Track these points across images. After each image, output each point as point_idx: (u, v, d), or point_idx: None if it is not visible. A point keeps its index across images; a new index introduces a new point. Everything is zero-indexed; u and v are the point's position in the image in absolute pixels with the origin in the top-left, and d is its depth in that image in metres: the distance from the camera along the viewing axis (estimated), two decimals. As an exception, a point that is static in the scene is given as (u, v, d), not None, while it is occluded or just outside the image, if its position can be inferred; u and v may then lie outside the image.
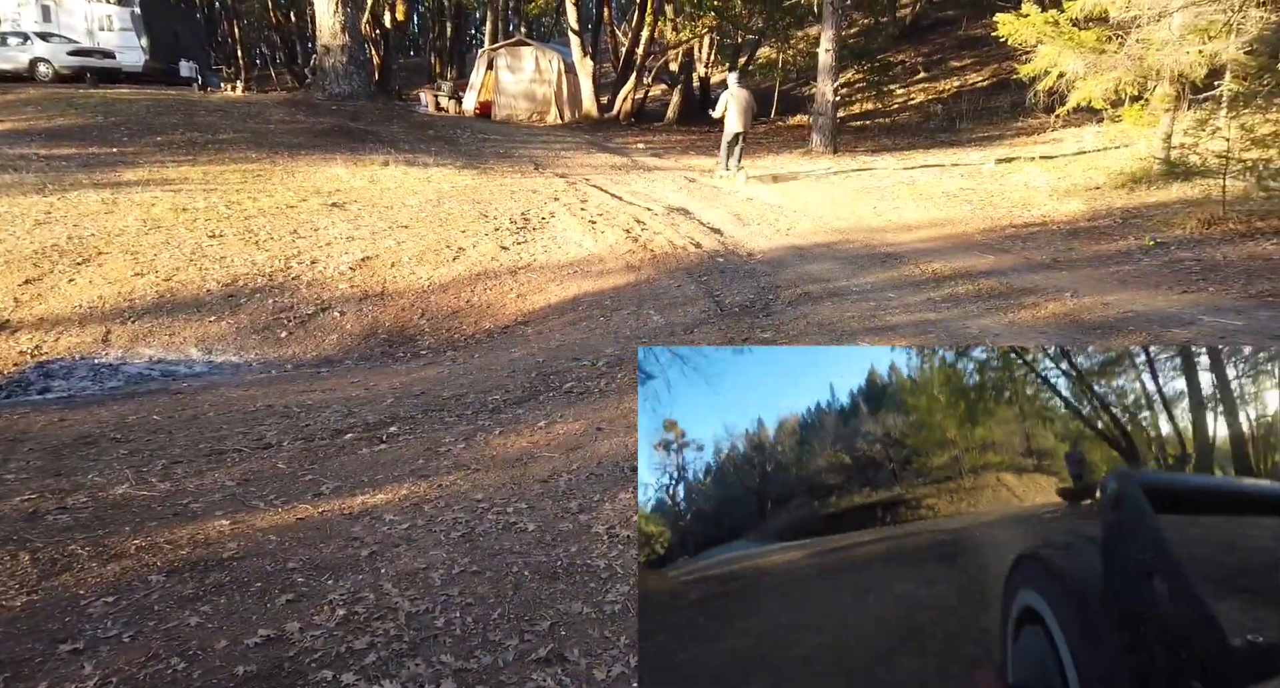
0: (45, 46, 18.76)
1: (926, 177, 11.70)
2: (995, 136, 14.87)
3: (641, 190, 11.38)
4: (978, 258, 7.83)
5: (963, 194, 10.53)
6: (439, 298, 7.75)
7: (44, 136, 11.88)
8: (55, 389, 5.72)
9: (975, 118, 16.69)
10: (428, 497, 3.64)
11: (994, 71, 19.36)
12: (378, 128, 14.52)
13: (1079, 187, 10.09)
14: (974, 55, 21.37)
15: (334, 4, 15.20)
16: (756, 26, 19.94)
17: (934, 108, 18.76)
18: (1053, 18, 8.94)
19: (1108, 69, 8.75)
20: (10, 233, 8.02)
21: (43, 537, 3.13)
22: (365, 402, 5.27)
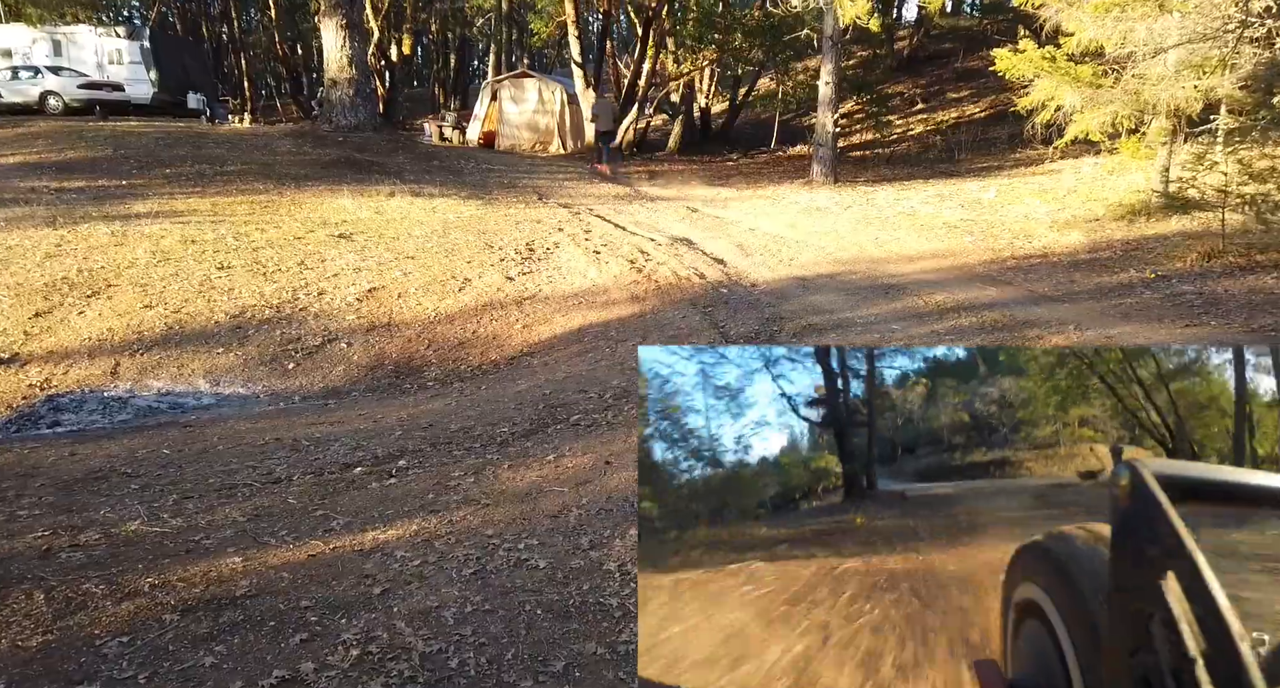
0: (56, 80, 19.08)
1: (927, 207, 11.83)
2: (994, 167, 15.04)
3: (644, 220, 11.50)
4: (980, 290, 7.89)
5: (963, 225, 10.64)
6: (445, 328, 7.81)
7: (54, 170, 12.04)
8: (65, 423, 5.75)
9: (974, 149, 16.90)
10: (439, 533, 3.65)
11: (991, 103, 19.64)
12: (383, 159, 14.70)
13: (1079, 218, 10.20)
14: (971, 87, 21.70)
15: (341, 38, 15.47)
16: (756, 59, 20.27)
17: (933, 138, 19.00)
18: (1049, 53, 9.11)
19: (1105, 103, 8.90)
20: (21, 266, 8.11)
21: (57, 575, 3.14)
22: (373, 434, 5.29)
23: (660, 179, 16.49)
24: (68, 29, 20.96)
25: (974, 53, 22.84)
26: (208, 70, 25.88)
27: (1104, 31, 8.71)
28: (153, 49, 21.12)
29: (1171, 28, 8.17)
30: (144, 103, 20.12)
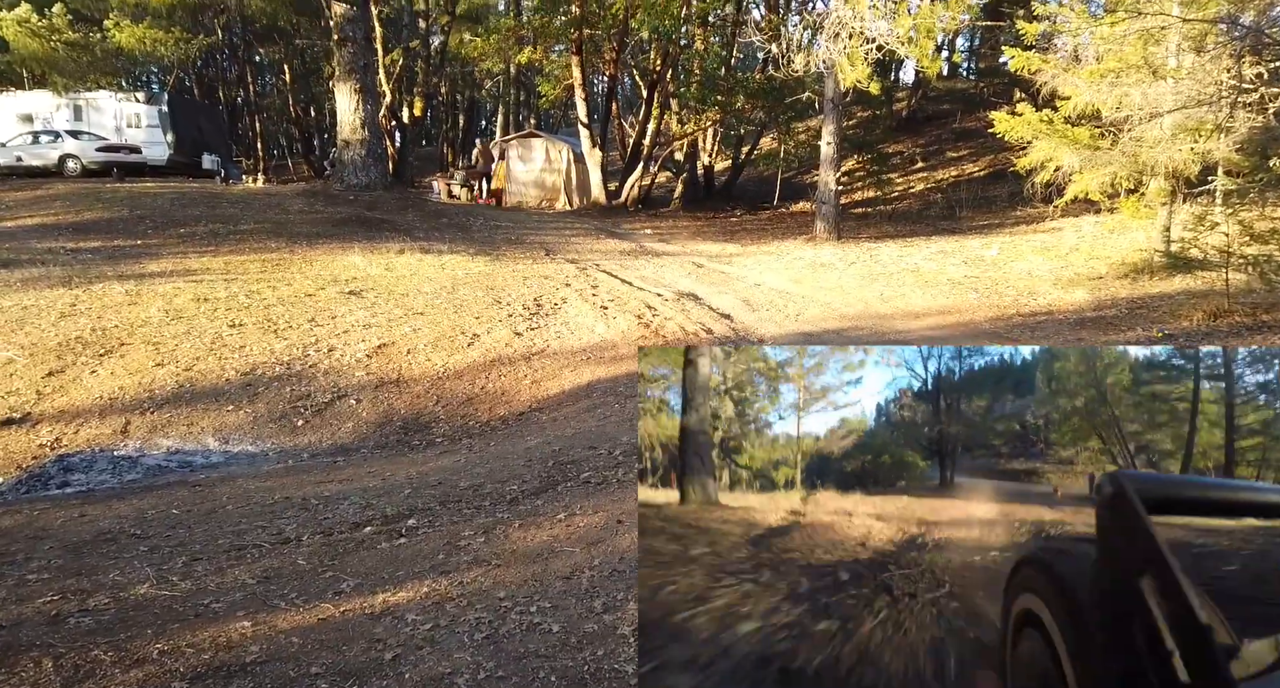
0: (75, 143, 19.62)
1: (930, 263, 11.97)
2: (995, 224, 15.27)
3: (651, 275, 11.64)
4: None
5: (967, 282, 10.75)
6: (454, 384, 7.84)
7: (71, 230, 12.29)
8: (75, 483, 5.74)
9: (974, 206, 17.19)
10: (449, 595, 3.60)
11: (990, 162, 20.06)
12: (393, 216, 14.99)
13: (1082, 276, 10.30)
14: (970, 146, 22.20)
15: (355, 102, 15.96)
16: (759, 119, 20.81)
17: (933, 196, 19.34)
18: (1047, 116, 9.36)
19: (1103, 164, 9.10)
20: (36, 325, 8.21)
21: (65, 642, 3.10)
22: (383, 492, 5.27)
23: (665, 235, 16.75)
24: (89, 95, 21.66)
25: (971, 114, 23.47)
26: (223, 132, 26.61)
27: (1100, 96, 8.97)
28: (170, 113, 21.77)
29: (1166, 93, 8.42)
30: (160, 164, 20.64)
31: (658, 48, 21.00)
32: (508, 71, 28.51)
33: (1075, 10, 9.34)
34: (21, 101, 21.71)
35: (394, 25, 23.63)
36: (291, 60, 31.17)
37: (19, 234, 12.05)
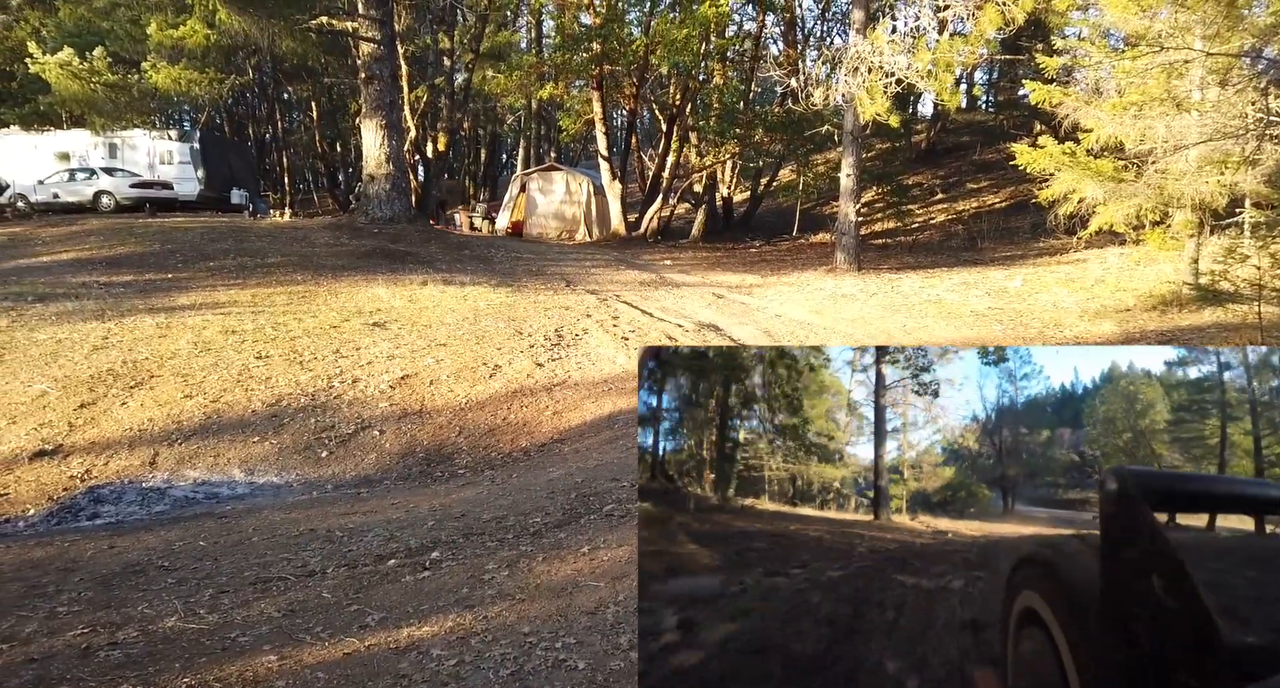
0: (109, 180, 20.18)
1: (953, 295, 11.92)
2: (1018, 256, 15.20)
3: (671, 306, 11.68)
4: (1011, 373, 7.85)
5: (991, 313, 10.68)
6: (476, 415, 7.87)
7: (104, 265, 12.59)
8: (104, 514, 5.80)
9: (996, 237, 17.15)
10: (474, 630, 3.58)
11: (1011, 194, 20.05)
12: (417, 249, 15.20)
13: (1109, 308, 10.20)
14: (990, 178, 22.22)
15: (381, 137, 16.32)
16: (777, 152, 21.00)
17: (954, 227, 19.32)
18: (1069, 149, 9.36)
19: (1128, 196, 9.07)
20: (69, 358, 8.38)
21: (95, 676, 3.11)
22: (406, 525, 5.27)
23: (685, 266, 16.84)
24: (125, 133, 22.34)
25: (991, 146, 23.54)
26: (252, 168, 27.27)
27: (1123, 129, 8.97)
28: (201, 149, 22.37)
29: (1191, 126, 8.40)
30: (190, 199, 21.15)
31: (677, 82, 21.34)
32: (529, 107, 29.05)
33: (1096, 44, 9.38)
34: (59, 140, 22.42)
35: (419, 63, 24.24)
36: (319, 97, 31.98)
37: (54, 268, 12.36)
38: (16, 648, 3.45)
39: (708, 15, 16.56)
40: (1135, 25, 9.49)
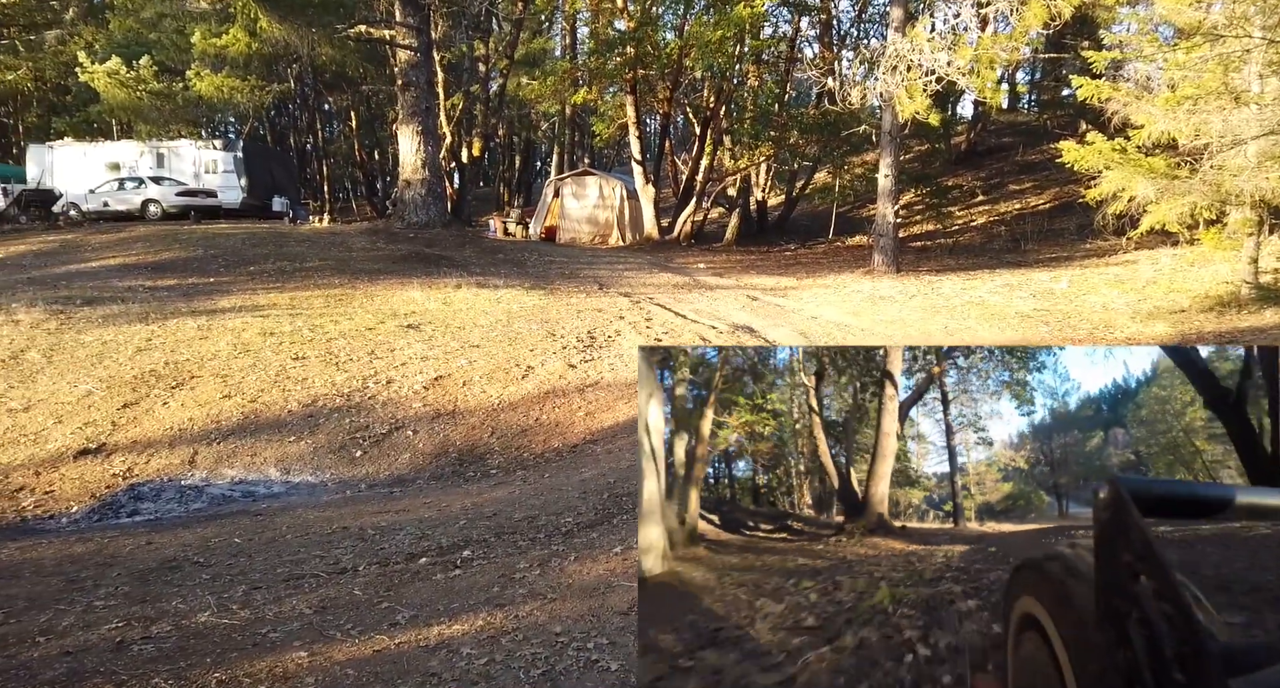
0: (157, 189, 20.71)
1: (996, 297, 11.60)
2: (1064, 258, 14.78)
3: (705, 308, 11.56)
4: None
5: (1037, 315, 10.36)
6: (508, 416, 7.84)
7: (150, 270, 12.88)
8: (144, 511, 5.87)
9: (1041, 239, 16.72)
10: (505, 629, 3.51)
11: (1056, 195, 19.56)
12: (451, 253, 15.30)
13: (1162, 309, 9.83)
14: (1033, 179, 21.71)
15: (417, 143, 16.50)
16: (813, 154, 20.77)
17: (996, 229, 18.90)
18: (1119, 145, 9.03)
19: (1182, 194, 8.71)
20: (114, 359, 8.55)
21: (128, 669, 3.11)
22: (438, 524, 5.24)
23: (719, 269, 16.70)
24: (171, 143, 22.96)
25: (1034, 146, 23.02)
26: (293, 176, 27.81)
27: (1176, 124, 8.63)
28: (244, 159, 22.87)
29: (1249, 119, 8.05)
30: (234, 207, 21.60)
31: (711, 85, 21.23)
32: (563, 113, 29.18)
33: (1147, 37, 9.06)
34: (110, 151, 23.12)
35: (455, 70, 24.50)
36: (358, 106, 32.55)
37: (102, 273, 12.68)
38: (53, 641, 3.47)
39: (742, 16, 16.44)
40: (1188, 17, 9.16)
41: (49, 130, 26.45)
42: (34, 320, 9.60)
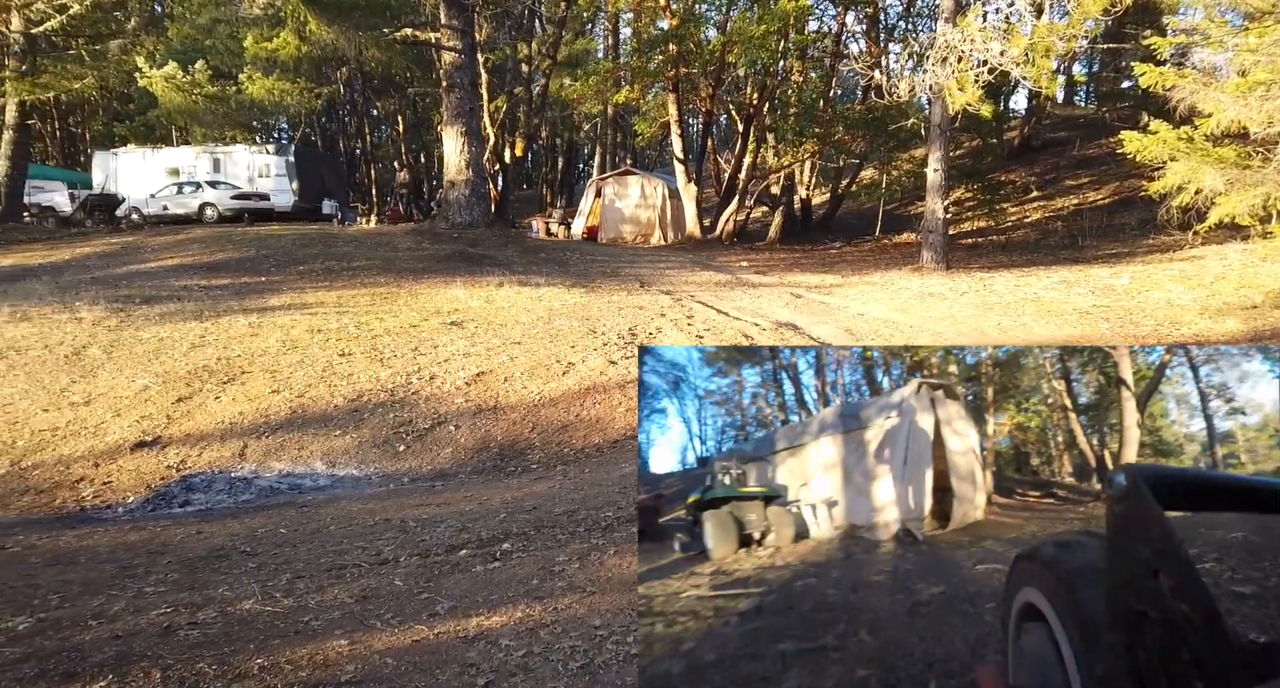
0: (213, 193, 21.36)
1: (1052, 293, 11.20)
2: (1124, 254, 14.24)
3: (747, 306, 11.41)
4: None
5: (1097, 311, 9.96)
6: (549, 412, 7.82)
7: (205, 269, 13.25)
8: (195, 502, 6.00)
9: (1099, 235, 16.16)
10: (543, 621, 3.47)
11: (1115, 189, 18.89)
12: (494, 252, 15.43)
13: (1232, 305, 9.36)
14: (1091, 174, 21.01)
15: (461, 144, 16.68)
16: (859, 150, 20.41)
17: (1052, 225, 18.33)
18: (1186, 134, 8.62)
19: (1253, 184, 8.28)
20: (170, 355, 8.79)
21: (174, 653, 3.14)
22: (478, 516, 5.24)
23: (762, 267, 16.51)
24: (227, 148, 23.69)
25: (1091, 140, 22.28)
26: (342, 179, 28.44)
27: (1247, 111, 8.21)
28: (296, 163, 23.46)
29: (1329, 106, 7.62)
30: (286, 210, 22.16)
31: (754, 82, 21.03)
32: (605, 113, 29.26)
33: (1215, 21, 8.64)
34: (170, 156, 23.95)
35: (499, 72, 24.76)
36: (404, 110, 33.15)
37: (160, 273, 13.09)
38: (104, 625, 3.53)
39: (786, 10, 16.23)
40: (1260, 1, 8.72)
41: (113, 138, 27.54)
42: (96, 318, 9.94)
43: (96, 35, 21.53)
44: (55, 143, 34.47)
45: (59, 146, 34.68)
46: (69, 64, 20.44)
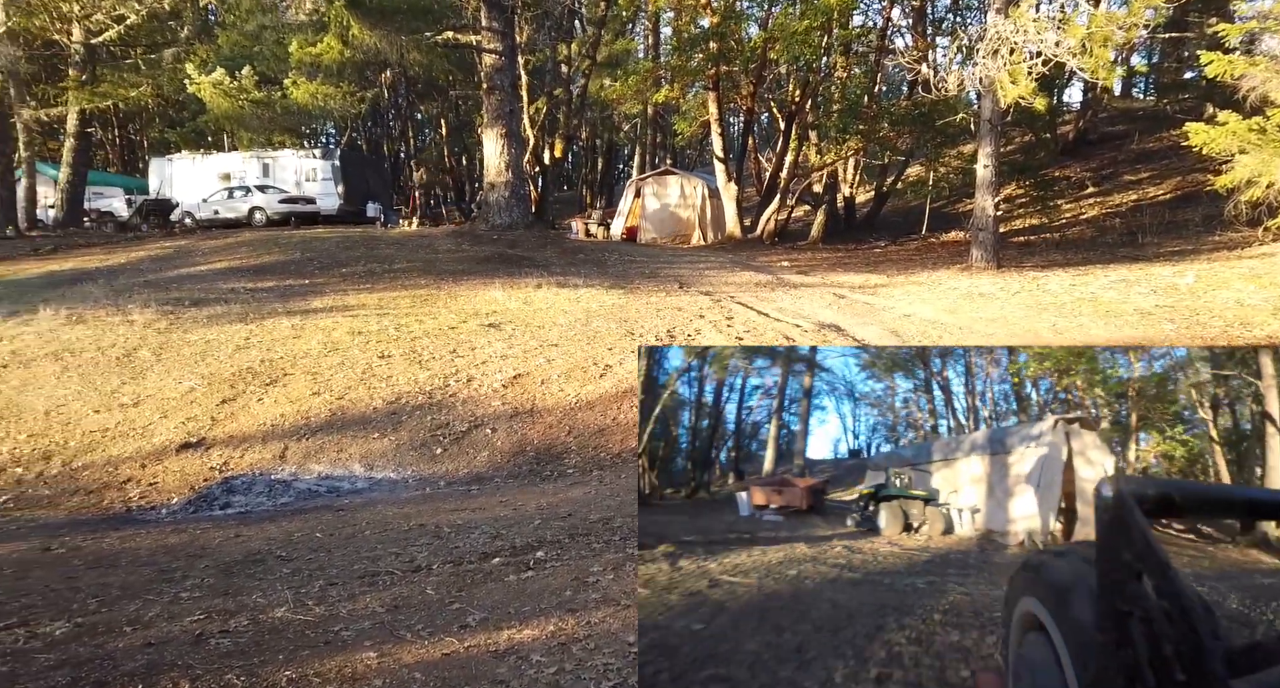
0: (262, 197, 21.82)
1: (1110, 293, 10.71)
2: (1188, 251, 13.59)
3: (788, 307, 11.18)
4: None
5: (1159, 311, 9.49)
6: (586, 415, 7.73)
7: (251, 272, 13.49)
8: (235, 504, 6.05)
9: (1160, 232, 15.48)
10: (576, 635, 3.36)
11: (1177, 184, 18.11)
12: (533, 254, 15.42)
13: (1311, 305, 8.83)
14: (1151, 168, 20.19)
15: (501, 146, 16.73)
16: (904, 146, 19.93)
17: (1110, 222, 17.65)
18: (1257, 124, 8.16)
19: (1330, 178, 7.80)
20: (215, 357, 8.93)
21: (204, 663, 3.11)
22: (513, 523, 5.16)
23: (803, 267, 16.22)
24: (274, 153, 24.21)
25: (1151, 134, 21.42)
26: (386, 182, 28.85)
27: (1324, 101, 7.73)
28: (341, 167, 23.85)
29: None
30: (331, 213, 22.54)
31: (796, 79, 20.70)
32: (645, 113, 29.16)
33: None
34: (221, 161, 24.58)
35: (539, 73, 24.83)
36: (447, 114, 33.51)
37: (209, 276, 13.37)
38: (138, 631, 3.53)
39: (830, 5, 15.90)
40: (1337, -19, 8.21)
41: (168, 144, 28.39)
42: (147, 321, 10.17)
43: (152, 44, 22.21)
44: (115, 150, 35.71)
45: (118, 153, 35.93)
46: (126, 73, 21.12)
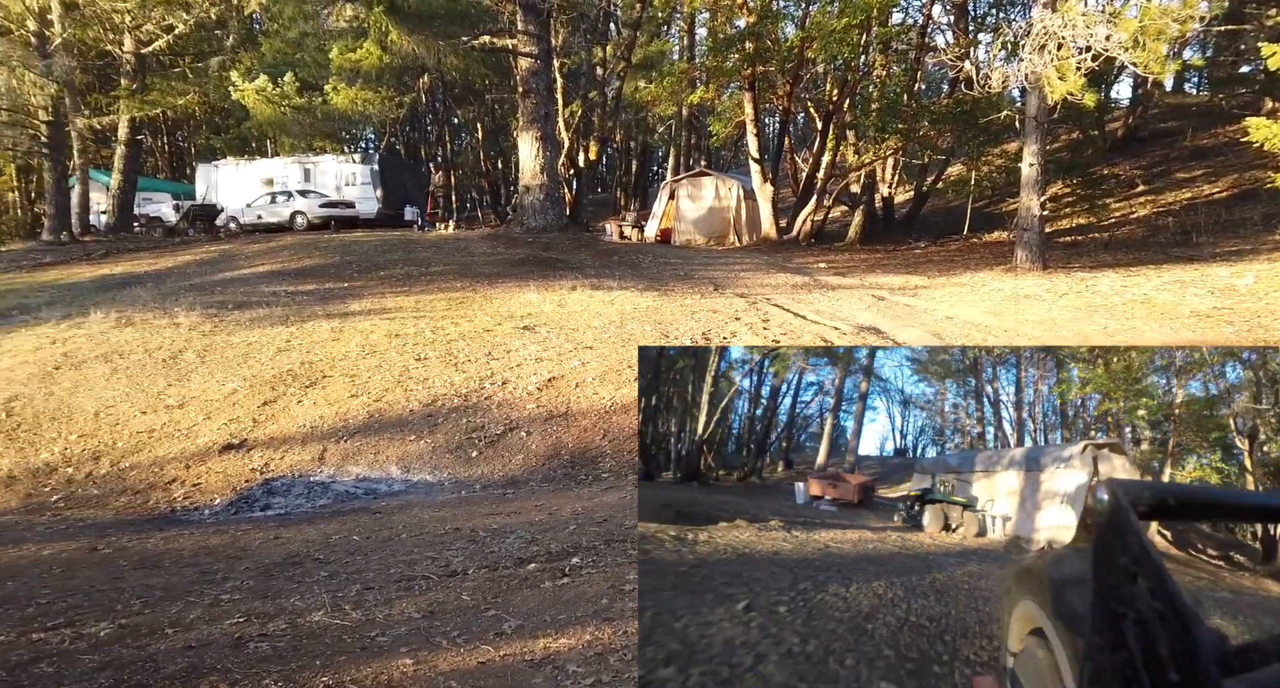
0: (303, 201, 22.24)
1: (1164, 294, 10.34)
2: (1246, 251, 13.08)
3: (826, 309, 11.00)
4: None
5: (1218, 314, 9.12)
6: (620, 419, 7.67)
7: (292, 275, 13.72)
8: (275, 506, 6.11)
9: (1217, 231, 14.94)
10: (613, 645, 3.30)
11: (1234, 182, 17.46)
12: (567, 256, 15.44)
13: (1384, 308, 8.41)
14: (1206, 166, 19.50)
15: (536, 149, 16.80)
16: (945, 145, 19.54)
17: (1163, 221, 17.08)
18: (1322, 115, 7.81)
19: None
20: (257, 360, 9.07)
21: (242, 668, 3.11)
22: (548, 528, 5.12)
23: (841, 268, 15.98)
24: (315, 158, 24.67)
25: (1206, 130, 20.70)
26: (424, 187, 29.22)
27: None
28: (380, 171, 24.21)
29: None
30: (370, 217, 22.88)
31: (834, 78, 20.43)
32: (679, 115, 29.08)
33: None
34: (264, 167, 25.15)
35: (574, 76, 24.91)
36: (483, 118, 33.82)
37: (251, 280, 13.63)
38: (179, 634, 3.55)
39: (869, 2, 15.64)
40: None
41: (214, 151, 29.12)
42: (192, 323, 10.38)
43: (199, 53, 22.80)
44: (163, 156, 36.74)
45: (166, 160, 36.96)
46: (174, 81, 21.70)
